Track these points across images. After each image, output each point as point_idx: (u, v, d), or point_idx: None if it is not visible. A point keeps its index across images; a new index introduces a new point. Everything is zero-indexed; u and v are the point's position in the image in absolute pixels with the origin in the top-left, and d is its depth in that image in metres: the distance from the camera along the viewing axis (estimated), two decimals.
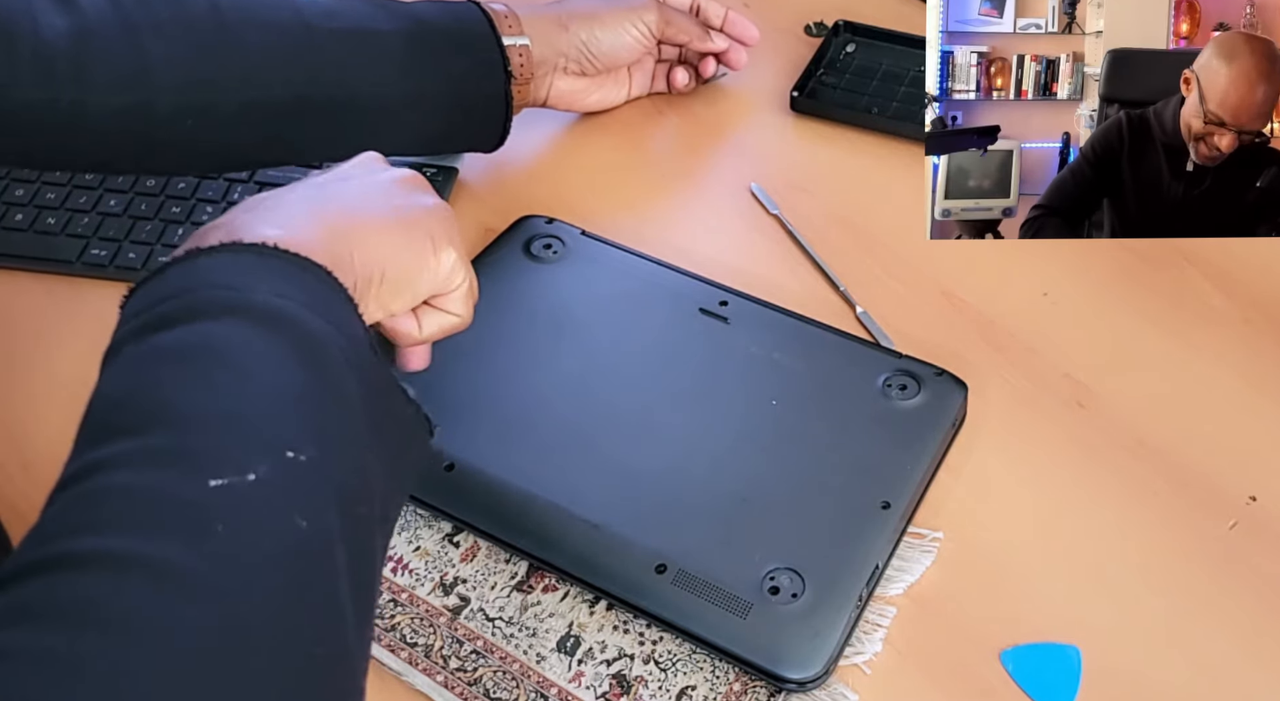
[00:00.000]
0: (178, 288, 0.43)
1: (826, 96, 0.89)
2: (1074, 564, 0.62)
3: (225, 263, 0.44)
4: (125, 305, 0.45)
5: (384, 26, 0.72)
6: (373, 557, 0.43)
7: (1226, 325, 0.73)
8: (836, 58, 0.93)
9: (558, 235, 0.76)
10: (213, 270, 0.44)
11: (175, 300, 0.42)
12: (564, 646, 0.59)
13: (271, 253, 0.45)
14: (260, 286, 0.43)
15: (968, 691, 0.57)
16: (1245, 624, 0.59)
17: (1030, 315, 0.74)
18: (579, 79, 0.83)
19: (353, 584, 0.40)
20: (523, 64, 0.77)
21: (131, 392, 0.41)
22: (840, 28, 0.94)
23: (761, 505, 0.61)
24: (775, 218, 0.81)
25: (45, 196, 0.82)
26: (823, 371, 0.67)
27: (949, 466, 0.65)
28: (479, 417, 0.66)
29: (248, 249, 0.45)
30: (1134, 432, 0.67)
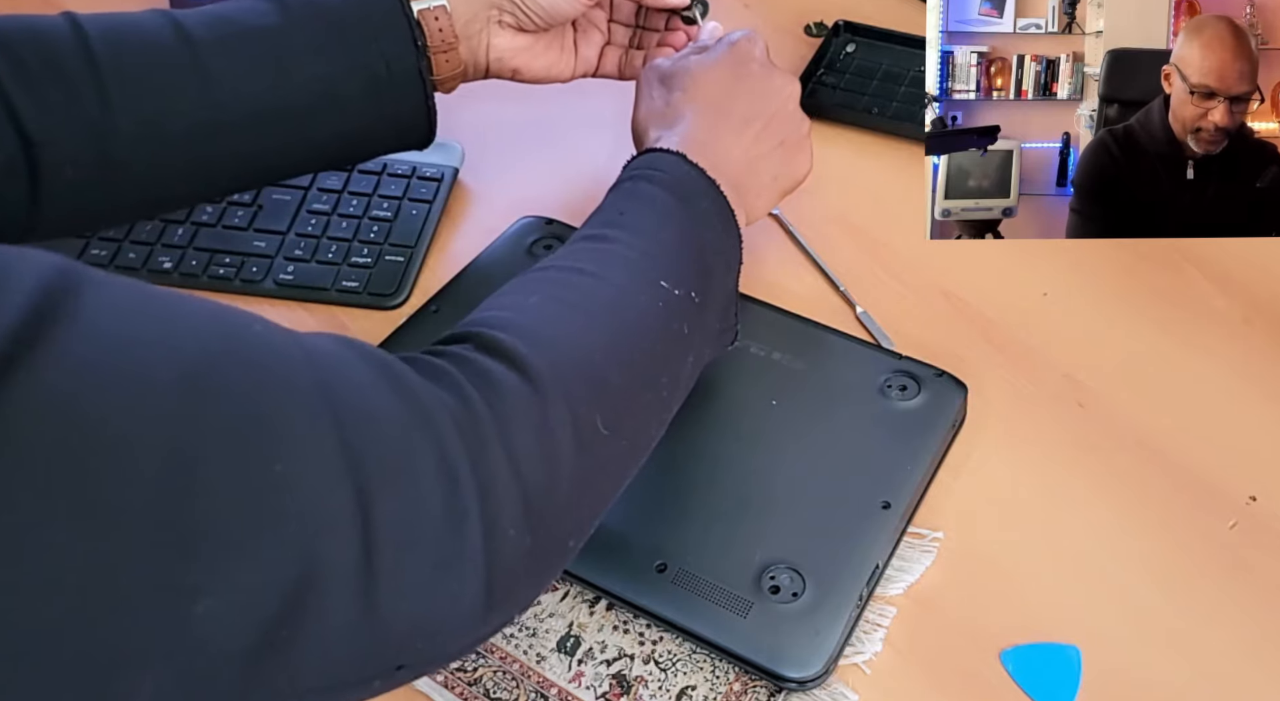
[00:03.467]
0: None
1: (827, 97, 0.89)
2: (1074, 564, 0.62)
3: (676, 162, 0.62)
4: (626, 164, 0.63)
5: (269, 22, 0.63)
6: (688, 380, 0.59)
7: (1226, 325, 0.73)
8: (836, 58, 0.93)
9: (558, 236, 0.76)
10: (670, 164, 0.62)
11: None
12: (564, 646, 0.59)
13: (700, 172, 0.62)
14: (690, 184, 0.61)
15: (968, 691, 0.57)
16: (1245, 624, 0.59)
17: (1030, 315, 0.74)
18: (519, 35, 0.72)
19: (689, 370, 0.58)
20: (441, 28, 0.67)
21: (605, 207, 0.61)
22: (840, 28, 0.94)
23: (762, 505, 0.61)
24: (775, 218, 0.81)
25: None
26: (823, 372, 0.68)
27: (949, 466, 0.65)
28: None
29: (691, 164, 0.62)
30: (1134, 432, 0.67)
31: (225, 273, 0.77)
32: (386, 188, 0.83)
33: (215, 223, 0.80)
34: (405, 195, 0.82)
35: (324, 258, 0.78)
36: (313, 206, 0.82)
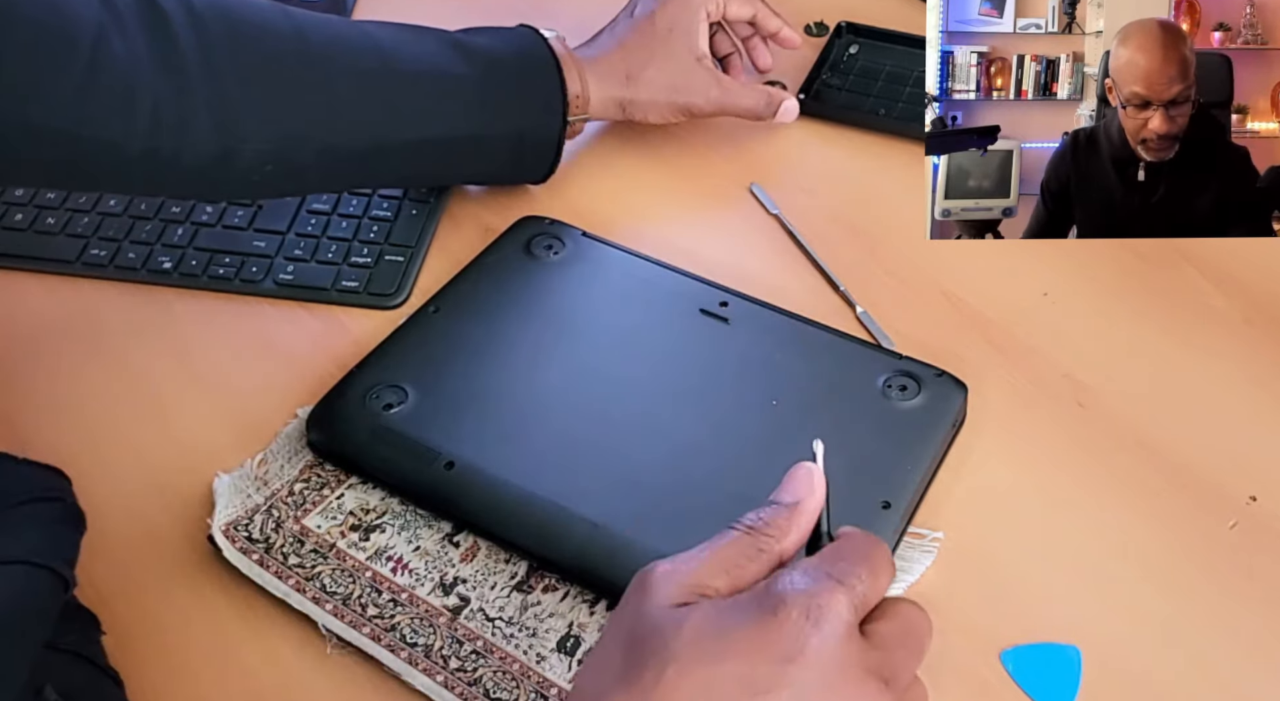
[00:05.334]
0: None
1: (832, 98, 0.89)
2: (1074, 564, 0.62)
3: None
4: None
5: (458, 70, 0.73)
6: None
7: (1226, 325, 0.73)
8: (840, 59, 0.93)
9: (558, 236, 0.76)
10: None
11: None
12: (564, 646, 0.59)
13: None
14: None
15: (968, 691, 0.57)
16: (1245, 624, 0.59)
17: (1030, 315, 0.74)
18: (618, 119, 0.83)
19: None
20: (578, 109, 0.78)
21: None
22: (843, 29, 0.94)
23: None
24: (775, 218, 0.81)
25: (45, 196, 0.82)
26: (823, 372, 0.67)
27: (949, 466, 0.65)
28: (479, 417, 0.66)
29: None
30: (1134, 432, 0.67)
31: (225, 273, 0.77)
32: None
33: (215, 223, 0.80)
34: (405, 195, 0.82)
35: (324, 257, 0.78)
36: (312, 206, 0.82)
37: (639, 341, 0.70)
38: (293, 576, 0.61)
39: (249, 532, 0.63)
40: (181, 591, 0.62)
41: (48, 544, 0.54)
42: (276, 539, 0.62)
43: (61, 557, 0.54)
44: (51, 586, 0.52)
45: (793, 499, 0.44)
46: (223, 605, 0.61)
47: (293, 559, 0.62)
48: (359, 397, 0.66)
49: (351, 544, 0.62)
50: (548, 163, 0.79)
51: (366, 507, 0.64)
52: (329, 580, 0.61)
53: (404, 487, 0.64)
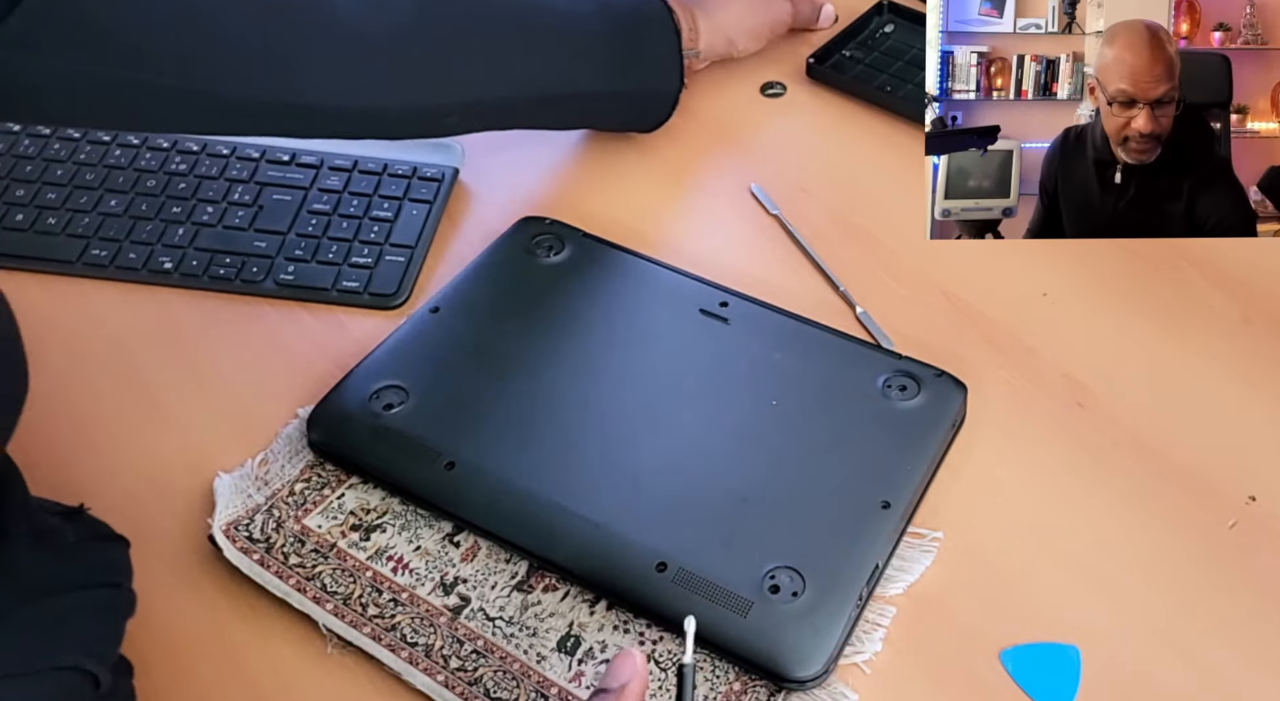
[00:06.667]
0: None
1: (846, 68, 0.91)
2: (1074, 564, 0.62)
3: None
4: None
5: (595, 26, 0.78)
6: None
7: (1226, 325, 0.73)
8: (872, 36, 0.94)
9: (558, 236, 0.76)
10: None
11: None
12: (564, 646, 0.59)
13: None
14: None
15: (968, 691, 0.57)
16: (1245, 624, 0.59)
17: (1030, 315, 0.74)
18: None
19: None
20: (689, 69, 0.85)
21: None
22: (884, 7, 0.95)
23: (762, 504, 0.61)
24: (775, 218, 0.81)
25: (46, 196, 0.82)
26: (823, 372, 0.68)
27: (949, 466, 0.65)
28: (480, 417, 0.66)
29: None
30: (1134, 432, 0.67)
31: (226, 273, 0.78)
32: (387, 188, 0.83)
33: (216, 223, 0.80)
34: (406, 195, 0.82)
35: (324, 258, 0.78)
36: (313, 206, 0.82)
37: (639, 341, 0.70)
38: (293, 576, 0.61)
39: (250, 532, 0.63)
40: (182, 591, 0.62)
41: (89, 639, 0.52)
42: (277, 538, 0.62)
43: (99, 655, 0.52)
44: (80, 685, 0.51)
45: (618, 683, 0.49)
46: (223, 605, 0.61)
47: (293, 558, 0.62)
48: (359, 398, 0.66)
49: (352, 544, 0.63)
50: (665, 114, 0.85)
51: (367, 507, 0.64)
52: (329, 580, 0.61)
53: (404, 487, 0.64)
